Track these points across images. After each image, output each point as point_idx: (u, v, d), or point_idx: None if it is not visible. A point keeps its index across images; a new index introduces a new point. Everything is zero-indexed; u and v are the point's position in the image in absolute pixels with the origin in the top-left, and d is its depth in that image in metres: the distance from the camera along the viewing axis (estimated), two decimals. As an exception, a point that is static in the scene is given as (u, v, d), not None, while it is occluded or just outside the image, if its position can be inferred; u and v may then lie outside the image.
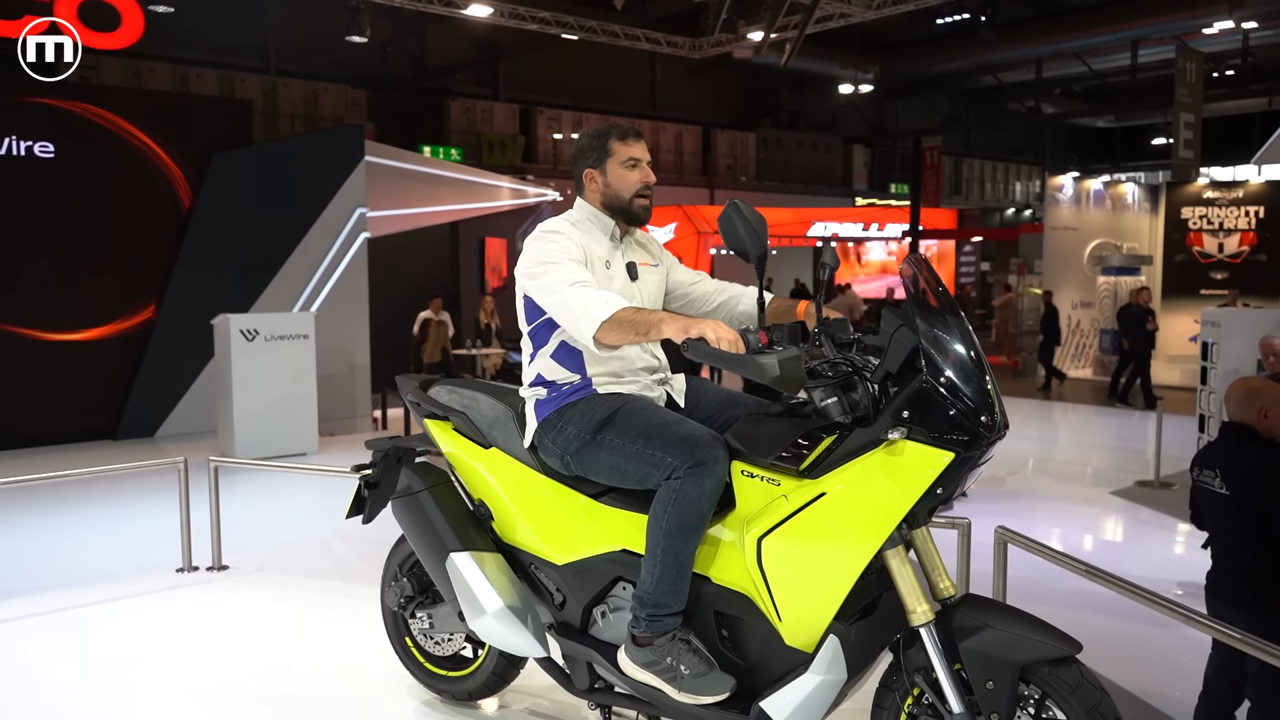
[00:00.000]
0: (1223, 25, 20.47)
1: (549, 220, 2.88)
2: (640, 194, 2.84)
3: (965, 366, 2.34)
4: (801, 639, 2.47)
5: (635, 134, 2.86)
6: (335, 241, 10.09)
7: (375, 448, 3.44)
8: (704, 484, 2.52)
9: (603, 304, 2.53)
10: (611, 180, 2.83)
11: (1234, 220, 18.01)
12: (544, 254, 2.72)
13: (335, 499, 7.08)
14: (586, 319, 2.53)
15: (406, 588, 3.31)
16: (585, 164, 2.88)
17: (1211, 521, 3.84)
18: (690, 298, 3.04)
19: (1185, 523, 7.50)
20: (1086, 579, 3.40)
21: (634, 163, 2.83)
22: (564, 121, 24.83)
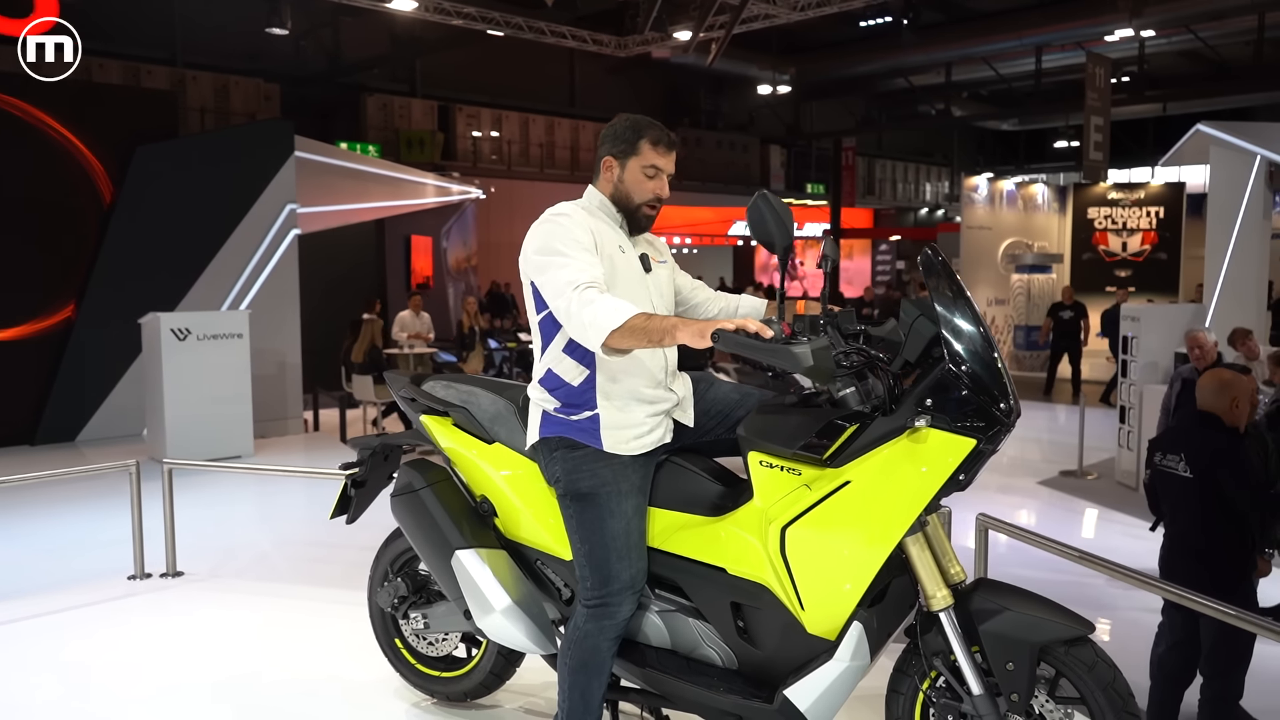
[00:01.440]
0: (1123, 33, 21.31)
1: (559, 204, 2.78)
2: (650, 204, 2.74)
3: (983, 355, 2.40)
4: (824, 627, 2.49)
5: (670, 143, 2.72)
6: (265, 238, 9.81)
7: (361, 445, 3.37)
8: (603, 624, 2.63)
9: (612, 313, 2.42)
10: (627, 179, 2.72)
11: (1136, 220, 18.74)
12: (551, 241, 2.60)
13: (278, 502, 6.97)
14: (594, 329, 2.43)
15: (400, 588, 3.24)
16: (608, 150, 2.75)
17: (1170, 504, 4.01)
18: (691, 303, 3.03)
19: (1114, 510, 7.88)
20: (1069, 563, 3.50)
21: (655, 171, 2.71)
22: (483, 119, 24.60)
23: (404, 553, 3.35)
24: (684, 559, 2.71)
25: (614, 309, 2.43)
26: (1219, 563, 3.85)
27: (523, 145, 25.27)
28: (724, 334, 2.43)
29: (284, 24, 13.31)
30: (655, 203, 2.75)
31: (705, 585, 2.66)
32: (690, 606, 2.72)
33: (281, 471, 6.61)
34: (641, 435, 2.73)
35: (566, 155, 26.17)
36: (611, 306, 2.44)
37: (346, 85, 23.07)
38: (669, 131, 2.74)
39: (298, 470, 5.83)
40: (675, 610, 2.74)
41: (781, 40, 24.50)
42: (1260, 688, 3.99)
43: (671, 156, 2.73)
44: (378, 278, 14.71)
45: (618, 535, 2.65)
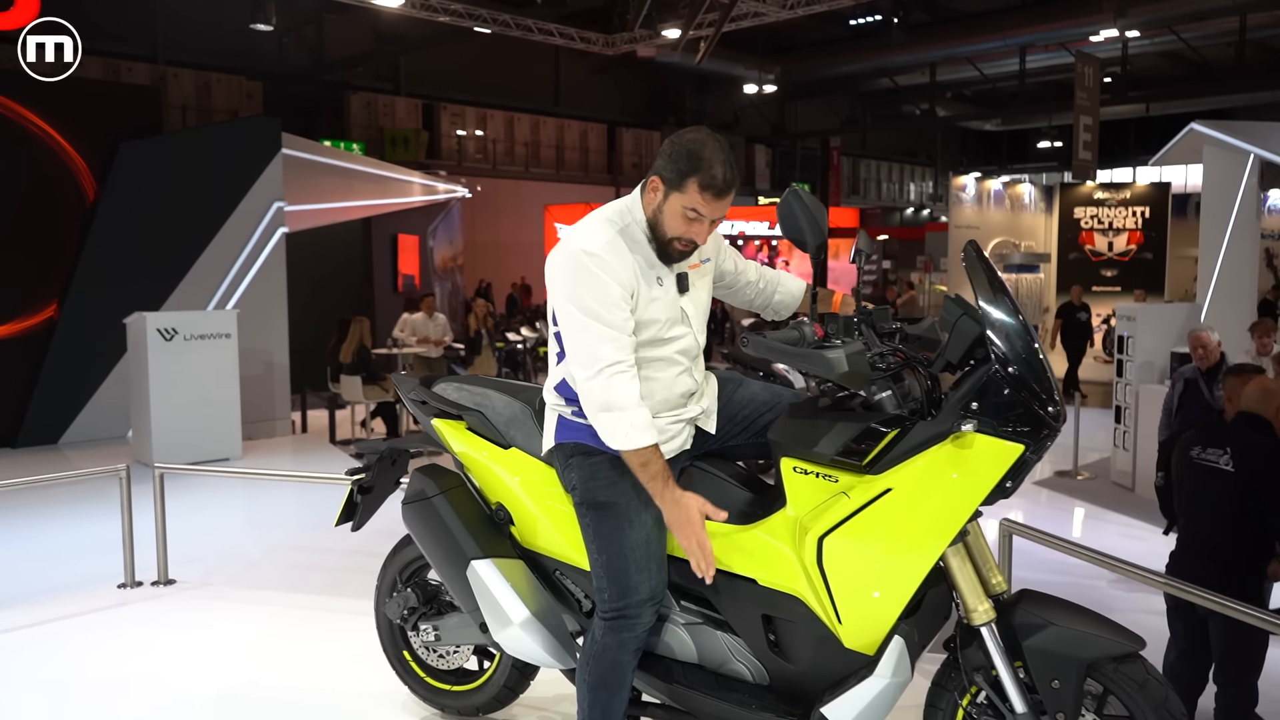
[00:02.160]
0: (1108, 33, 21.36)
1: (591, 228, 2.52)
2: (681, 240, 2.49)
3: (1030, 356, 2.31)
4: (862, 641, 2.39)
5: (721, 189, 2.40)
6: (252, 236, 9.63)
7: (368, 450, 3.25)
8: (622, 637, 2.52)
9: (628, 435, 2.40)
10: (666, 210, 2.46)
11: (1122, 220, 18.78)
12: (582, 293, 2.42)
13: (267, 506, 6.81)
14: (607, 434, 2.45)
15: (410, 598, 3.12)
16: (659, 169, 2.47)
17: (1197, 499, 3.94)
18: (734, 287, 2.91)
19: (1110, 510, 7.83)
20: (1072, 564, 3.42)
21: (695, 215, 2.43)
22: (467, 117, 24.45)
23: (413, 561, 3.23)
24: None
25: (628, 429, 2.41)
26: (1234, 564, 3.79)
27: (508, 144, 25.13)
28: (753, 340, 2.34)
29: (269, 20, 13.12)
30: (688, 244, 2.50)
31: (734, 597, 2.55)
32: (718, 619, 2.61)
33: (277, 476, 6.44)
34: (663, 443, 2.62)
35: (552, 154, 26.04)
36: (625, 426, 2.41)
37: (330, 83, 22.86)
38: (728, 173, 2.40)
39: (297, 475, 5.66)
40: (702, 623, 2.63)
41: (767, 40, 24.47)
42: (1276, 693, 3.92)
43: (722, 204, 2.43)
44: (364, 277, 14.54)
45: (637, 546, 2.54)
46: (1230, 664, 3.76)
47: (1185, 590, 3.33)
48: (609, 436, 2.43)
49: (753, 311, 3.07)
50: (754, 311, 3.05)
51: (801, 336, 2.38)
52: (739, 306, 3.05)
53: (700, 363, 2.69)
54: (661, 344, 2.56)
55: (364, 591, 4.68)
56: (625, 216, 2.55)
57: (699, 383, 2.68)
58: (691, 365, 2.65)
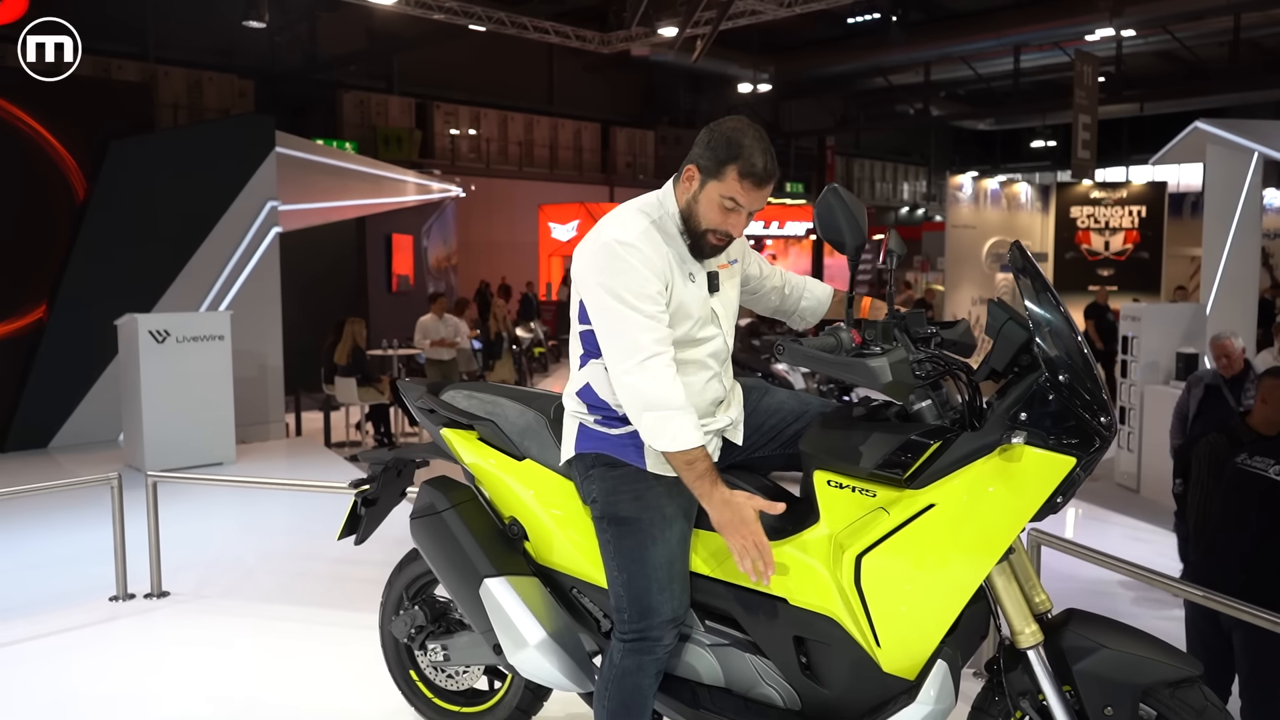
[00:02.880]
0: (1104, 33, 21.29)
1: (624, 219, 2.40)
2: (716, 233, 2.38)
3: (1082, 363, 2.18)
4: (902, 665, 2.26)
5: (761, 178, 2.29)
6: (245, 236, 9.46)
7: (372, 460, 3.10)
8: (642, 660, 2.40)
9: (673, 436, 2.27)
10: (702, 200, 2.35)
11: (1119, 219, 18.73)
12: (616, 284, 2.30)
13: (261, 512, 6.65)
14: (649, 434, 2.31)
15: (418, 616, 2.97)
16: (696, 157, 2.36)
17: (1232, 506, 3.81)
18: (759, 292, 2.79)
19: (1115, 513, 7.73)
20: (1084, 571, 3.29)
21: (733, 205, 2.32)
22: (461, 116, 24.30)
23: (419, 577, 3.09)
24: (738, 588, 2.47)
25: (679, 429, 2.27)
26: (1265, 575, 3.67)
27: (501, 143, 24.97)
28: (790, 347, 2.21)
29: (261, 17, 12.93)
30: (723, 237, 2.39)
31: (763, 617, 2.42)
32: (746, 640, 2.48)
33: (276, 485, 6.24)
34: None
35: (545, 153, 25.89)
36: (678, 424, 2.27)
37: (322, 82, 22.68)
38: (769, 162, 2.30)
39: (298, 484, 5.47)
40: (729, 644, 2.50)
41: (761, 38, 24.35)
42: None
43: (761, 194, 2.32)
44: (358, 277, 14.37)
45: (660, 565, 2.41)
46: (1258, 680, 3.64)
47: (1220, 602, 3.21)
48: (654, 436, 2.29)
49: (775, 319, 2.95)
50: (778, 319, 2.93)
51: (839, 343, 2.25)
52: (762, 313, 2.93)
53: (729, 368, 2.57)
54: (693, 345, 2.44)
55: (364, 603, 4.56)
56: (658, 208, 2.44)
57: (727, 390, 2.55)
58: (721, 370, 2.53)
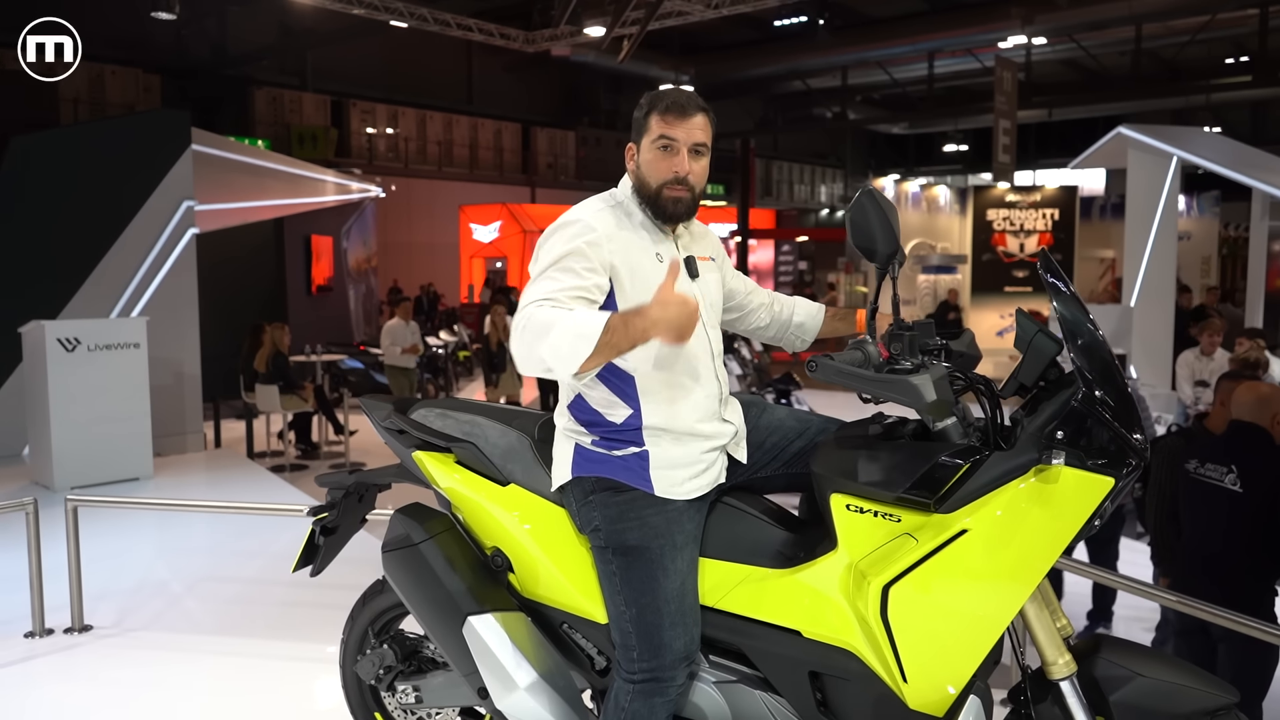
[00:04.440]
0: (1016, 40, 21.79)
1: (581, 204, 2.31)
2: (670, 185, 2.25)
3: (1116, 377, 2.07)
4: (929, 700, 2.12)
5: (682, 108, 2.23)
6: (160, 237, 8.96)
7: (332, 485, 2.84)
8: (653, 702, 2.23)
9: (577, 339, 1.93)
10: (642, 162, 2.28)
11: (1033, 222, 19.15)
12: (548, 250, 2.18)
13: (182, 532, 6.25)
14: (555, 360, 1.97)
15: (387, 656, 2.72)
16: (633, 135, 2.33)
17: (1199, 516, 3.80)
18: (747, 309, 2.63)
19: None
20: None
21: (667, 144, 2.23)
22: (378, 115, 23.75)
23: (386, 611, 2.84)
24: (746, 620, 2.30)
25: (578, 328, 1.94)
26: (1240, 582, 3.67)
27: (420, 143, 24.48)
28: (823, 364, 2.05)
29: (171, 9, 12.33)
30: (677, 183, 2.25)
31: (775, 651, 2.25)
32: (756, 676, 2.31)
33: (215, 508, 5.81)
34: (697, 475, 2.31)
35: (465, 153, 25.46)
36: (576, 326, 1.95)
37: (233, 77, 21.90)
38: (683, 95, 2.26)
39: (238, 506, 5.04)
40: (737, 681, 2.33)
41: (682, 40, 24.32)
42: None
43: (689, 121, 2.23)
44: (277, 280, 13.82)
45: (671, 598, 2.23)
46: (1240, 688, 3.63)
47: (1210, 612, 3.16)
48: (563, 365, 1.96)
49: (769, 343, 2.78)
50: (771, 344, 2.77)
51: (866, 358, 2.10)
52: (752, 336, 2.75)
53: (720, 362, 2.40)
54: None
55: (309, 632, 4.28)
56: (616, 195, 2.35)
57: (723, 385, 2.39)
58: (714, 365, 2.37)
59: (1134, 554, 5.58)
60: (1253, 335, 7.85)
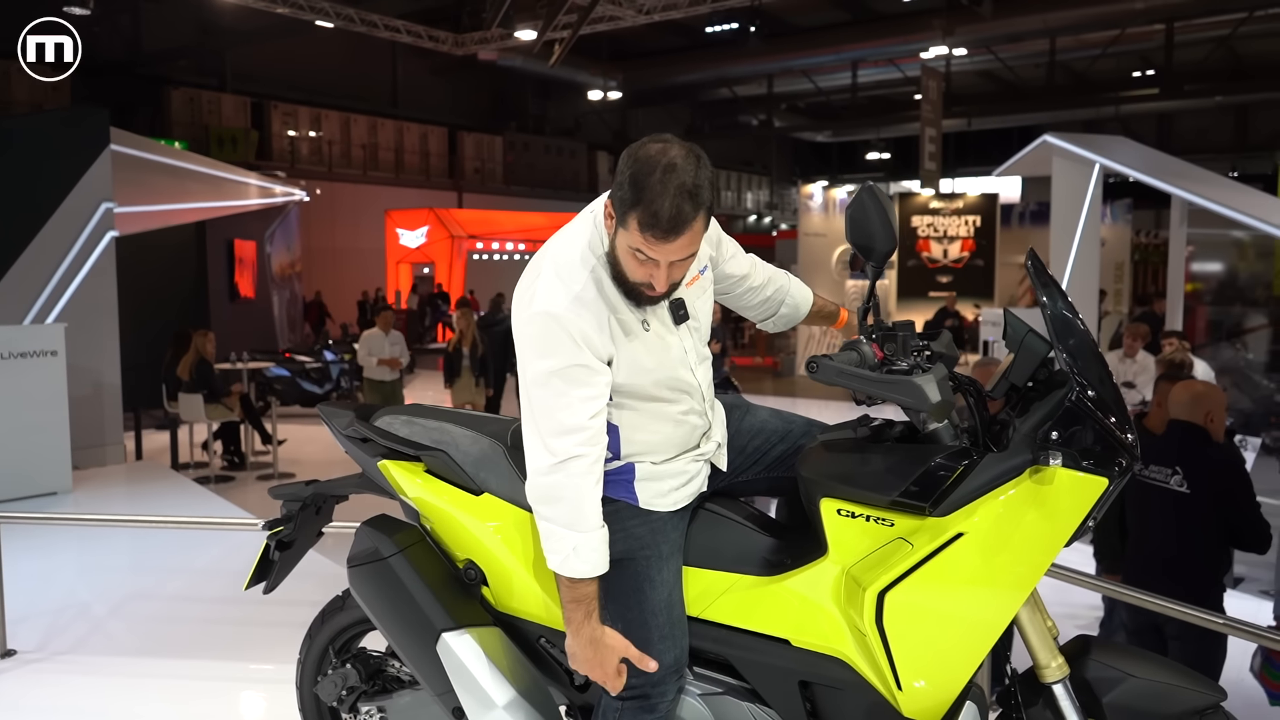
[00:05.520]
0: (937, 50, 22.26)
1: (561, 272, 2.03)
2: (646, 286, 2.01)
3: (1106, 376, 2.06)
4: (925, 708, 2.07)
5: (665, 229, 1.88)
6: (77, 240, 8.58)
7: (288, 496, 2.69)
8: (642, 718, 2.15)
9: (568, 558, 2.03)
10: (618, 249, 2.00)
11: (956, 229, 19.56)
12: (542, 362, 2.00)
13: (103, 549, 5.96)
14: (544, 536, 2.07)
15: (350, 676, 2.58)
16: (612, 194, 1.99)
17: (1148, 518, 3.85)
18: (734, 293, 2.51)
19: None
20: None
21: (644, 258, 1.95)
22: (300, 118, 23.26)
23: (346, 629, 2.71)
24: (732, 629, 2.23)
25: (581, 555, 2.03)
26: (1195, 580, 3.73)
27: (344, 146, 24.03)
28: (823, 364, 2.00)
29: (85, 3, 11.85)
30: (652, 289, 2.01)
31: (763, 661, 2.19)
32: (743, 687, 2.24)
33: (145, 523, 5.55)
34: (682, 485, 2.24)
35: (391, 158, 25.07)
36: (582, 549, 2.03)
37: (147, 77, 21.22)
38: (675, 206, 1.87)
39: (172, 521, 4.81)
40: (723, 693, 2.26)
41: (611, 47, 24.32)
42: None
43: (671, 245, 1.91)
44: (199, 285, 13.38)
45: (659, 610, 2.15)
46: None
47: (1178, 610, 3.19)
48: (551, 548, 2.05)
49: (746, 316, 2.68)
50: (748, 317, 2.66)
51: (861, 359, 2.06)
52: (731, 308, 2.65)
53: (710, 392, 2.30)
54: (661, 390, 2.16)
55: (246, 651, 4.11)
56: (595, 245, 2.07)
57: (710, 419, 2.29)
58: (704, 404, 2.25)
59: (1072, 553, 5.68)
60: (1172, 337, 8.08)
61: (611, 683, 2.06)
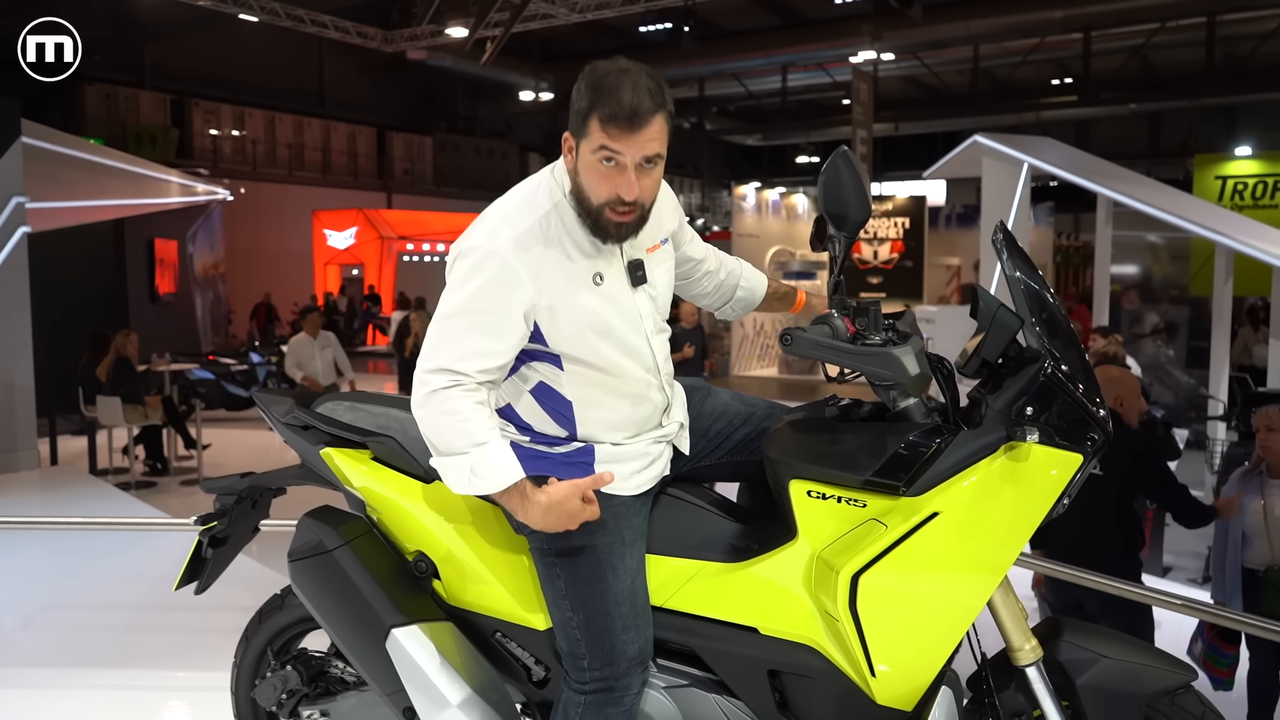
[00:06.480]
0: (866, 54, 22.56)
1: (508, 212, 1.98)
2: (613, 207, 1.92)
3: (1079, 352, 2.02)
4: (899, 694, 2.01)
5: (628, 118, 1.83)
6: (-15, 238, 8.20)
7: (221, 489, 2.53)
8: (608, 713, 2.05)
9: (474, 478, 1.91)
10: (582, 170, 1.92)
11: (886, 230, 19.83)
12: (459, 291, 1.93)
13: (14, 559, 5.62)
14: (443, 475, 1.96)
15: (291, 678, 2.44)
16: (570, 123, 1.93)
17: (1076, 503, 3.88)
18: (690, 279, 2.42)
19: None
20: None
21: (610, 157, 1.87)
22: (223, 116, 22.66)
23: (286, 629, 2.56)
24: (696, 618, 2.15)
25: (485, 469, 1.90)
26: (1112, 563, 3.77)
27: (269, 145, 23.46)
28: (798, 337, 1.93)
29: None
30: (622, 205, 1.91)
31: (730, 651, 2.11)
32: (709, 678, 2.16)
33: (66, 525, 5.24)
34: (644, 468, 2.14)
35: (317, 157, 24.55)
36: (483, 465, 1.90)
37: (60, 71, 20.45)
38: (636, 96, 1.83)
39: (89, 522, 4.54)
40: (689, 685, 2.17)
41: (542, 48, 24.16)
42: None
43: (637, 136, 1.84)
44: (117, 285, 12.89)
45: (622, 599, 2.05)
46: None
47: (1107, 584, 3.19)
48: (454, 482, 1.94)
49: (703, 308, 2.61)
50: (704, 308, 2.59)
51: (834, 332, 1.99)
52: (686, 299, 2.57)
53: (669, 368, 2.21)
54: (621, 361, 2.06)
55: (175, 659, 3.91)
56: (552, 193, 2.00)
57: (670, 395, 2.21)
58: (661, 379, 2.15)
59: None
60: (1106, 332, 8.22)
61: (590, 510, 1.92)
